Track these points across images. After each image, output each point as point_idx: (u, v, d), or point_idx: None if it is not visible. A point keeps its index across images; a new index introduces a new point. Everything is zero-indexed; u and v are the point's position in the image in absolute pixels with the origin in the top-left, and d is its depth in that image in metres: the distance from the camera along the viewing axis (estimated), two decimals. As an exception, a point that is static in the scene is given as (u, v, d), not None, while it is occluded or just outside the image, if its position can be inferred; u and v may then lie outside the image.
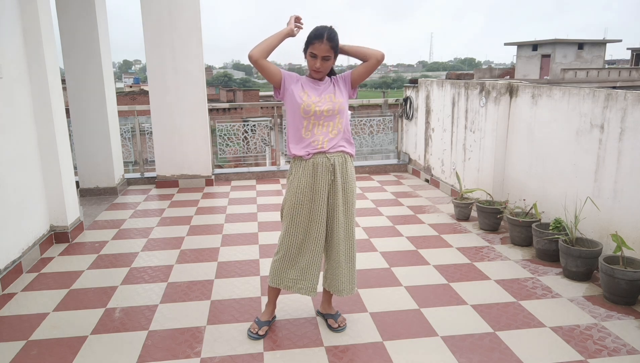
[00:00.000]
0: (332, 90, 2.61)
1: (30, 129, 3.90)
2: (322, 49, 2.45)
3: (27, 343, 2.70)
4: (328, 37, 2.44)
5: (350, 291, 2.73)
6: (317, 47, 2.45)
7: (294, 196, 2.59)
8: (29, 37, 3.82)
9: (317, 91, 2.57)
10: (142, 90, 30.70)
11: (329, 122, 2.56)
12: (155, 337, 2.73)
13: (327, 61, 2.50)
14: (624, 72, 30.51)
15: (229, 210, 5.17)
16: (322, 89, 2.60)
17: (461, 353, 2.56)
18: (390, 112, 7.24)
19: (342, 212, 2.63)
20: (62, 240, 4.22)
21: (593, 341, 2.64)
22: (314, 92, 2.57)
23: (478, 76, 30.23)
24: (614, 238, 3.11)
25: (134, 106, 6.76)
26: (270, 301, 2.83)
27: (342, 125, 2.60)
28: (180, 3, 5.72)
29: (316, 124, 2.54)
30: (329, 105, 2.54)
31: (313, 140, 2.55)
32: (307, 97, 2.53)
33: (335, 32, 2.49)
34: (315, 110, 2.51)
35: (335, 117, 2.56)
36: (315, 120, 2.54)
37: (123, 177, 6.15)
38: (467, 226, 4.55)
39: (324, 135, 2.56)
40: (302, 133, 2.56)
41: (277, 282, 2.72)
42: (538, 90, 4.19)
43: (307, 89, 2.57)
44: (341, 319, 2.83)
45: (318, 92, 2.57)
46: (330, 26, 2.50)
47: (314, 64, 2.50)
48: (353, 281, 2.75)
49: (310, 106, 2.51)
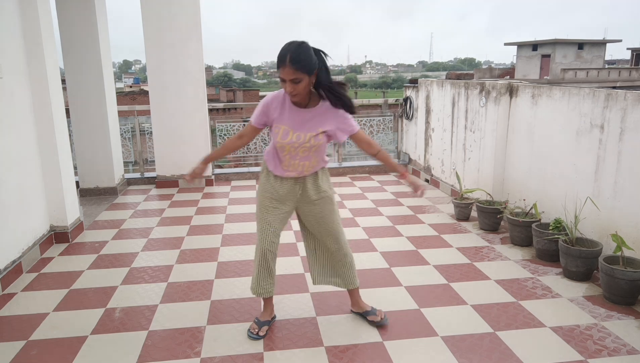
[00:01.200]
0: (320, 122, 2.43)
1: (30, 129, 3.90)
2: (287, 73, 2.25)
3: (27, 343, 2.69)
4: (291, 60, 2.22)
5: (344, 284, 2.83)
6: (283, 72, 2.26)
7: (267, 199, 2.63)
8: (29, 37, 3.82)
9: (299, 121, 2.42)
10: (142, 90, 30.70)
11: (305, 156, 2.52)
12: (155, 337, 2.73)
13: (299, 83, 2.27)
14: (624, 72, 30.51)
15: (229, 210, 5.17)
16: (307, 117, 2.43)
17: (461, 353, 2.56)
18: (390, 112, 7.24)
19: (317, 220, 2.69)
20: (62, 240, 4.22)
21: (593, 341, 2.64)
22: (294, 123, 2.42)
23: (478, 76, 30.25)
24: (614, 238, 3.11)
25: (134, 106, 6.76)
26: (266, 302, 2.83)
27: (320, 152, 2.56)
28: (180, 3, 5.72)
29: (293, 158, 2.51)
30: (305, 147, 2.45)
31: (289, 166, 2.54)
32: (281, 138, 2.43)
33: (303, 51, 2.26)
34: (290, 151, 2.48)
35: (311, 153, 2.51)
36: (292, 157, 2.51)
37: (123, 177, 6.15)
38: (467, 226, 4.55)
39: (301, 167, 2.55)
40: (280, 157, 2.54)
41: (258, 292, 2.74)
42: (538, 90, 4.19)
43: (286, 121, 2.42)
44: (379, 311, 2.85)
45: (300, 122, 2.42)
46: (298, 44, 2.28)
47: (285, 88, 2.32)
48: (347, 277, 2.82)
49: (285, 147, 2.47)
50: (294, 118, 2.44)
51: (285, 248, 4.01)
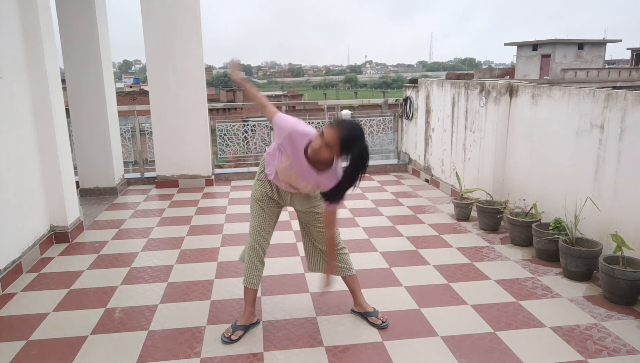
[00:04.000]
0: (323, 185, 2.45)
1: (30, 129, 3.90)
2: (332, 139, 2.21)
3: (27, 343, 2.70)
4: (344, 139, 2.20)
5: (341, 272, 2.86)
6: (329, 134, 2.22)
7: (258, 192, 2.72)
8: (29, 37, 3.82)
9: (306, 171, 2.42)
10: (142, 90, 30.67)
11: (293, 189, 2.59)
12: (155, 337, 2.73)
13: (328, 153, 2.27)
14: (624, 72, 30.51)
15: (229, 210, 5.17)
16: (314, 176, 2.43)
17: (461, 353, 2.56)
18: (390, 112, 7.24)
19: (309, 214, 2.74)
20: (62, 240, 4.22)
21: (593, 341, 2.64)
22: (302, 168, 2.42)
23: (478, 76, 30.23)
24: (614, 238, 3.11)
25: (134, 106, 6.76)
26: (247, 303, 2.77)
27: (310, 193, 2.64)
28: (180, 3, 5.72)
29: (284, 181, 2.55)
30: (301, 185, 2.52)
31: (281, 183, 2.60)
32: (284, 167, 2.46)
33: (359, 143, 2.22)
34: (285, 178, 2.52)
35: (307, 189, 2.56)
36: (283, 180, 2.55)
37: (123, 177, 6.15)
38: (467, 226, 4.55)
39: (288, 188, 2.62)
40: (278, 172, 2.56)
41: (252, 282, 2.74)
42: (538, 90, 4.19)
43: (295, 163, 2.42)
44: (381, 314, 2.86)
45: (306, 172, 2.43)
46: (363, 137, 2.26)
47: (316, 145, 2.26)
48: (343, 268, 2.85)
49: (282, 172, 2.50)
50: (303, 165, 2.43)
51: (285, 248, 4.01)
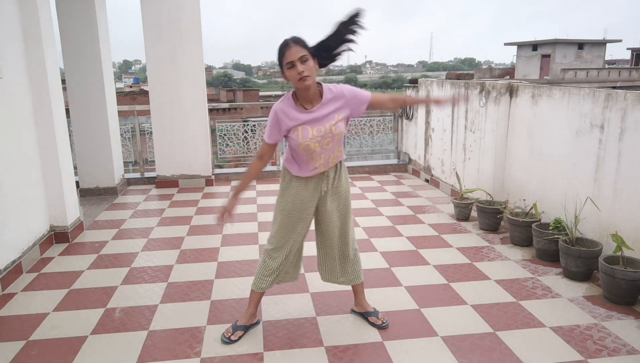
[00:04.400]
0: (332, 115, 2.47)
1: (30, 129, 3.90)
2: (294, 52, 2.32)
3: (27, 343, 2.70)
4: (293, 40, 2.35)
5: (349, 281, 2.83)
6: (289, 53, 2.33)
7: (290, 204, 2.62)
8: (28, 37, 3.82)
9: (312, 118, 2.44)
10: (142, 90, 30.67)
11: (330, 148, 2.52)
12: (155, 337, 2.73)
13: (307, 62, 2.35)
14: (624, 72, 30.52)
15: (229, 210, 5.16)
16: (317, 115, 2.45)
17: (461, 353, 2.56)
18: (390, 112, 7.24)
19: (336, 215, 2.70)
20: (62, 240, 4.22)
21: (593, 341, 2.64)
22: (309, 121, 2.44)
23: (478, 76, 30.23)
24: (614, 238, 3.11)
25: (134, 106, 6.76)
26: (250, 304, 2.77)
27: (341, 141, 2.57)
28: (180, 3, 5.72)
29: (319, 154, 2.50)
30: (328, 138, 2.46)
31: (317, 166, 2.54)
32: (302, 138, 2.44)
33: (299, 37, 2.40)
34: (315, 149, 2.47)
35: (334, 142, 2.51)
36: (317, 153, 2.50)
37: (123, 177, 6.15)
38: (467, 226, 4.55)
39: (325, 160, 2.54)
40: (307, 161, 2.53)
41: (261, 286, 2.72)
42: (538, 90, 4.19)
43: (301, 121, 2.44)
44: (382, 315, 2.86)
45: (314, 119, 2.44)
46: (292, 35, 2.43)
47: (296, 72, 2.33)
48: (353, 273, 2.82)
49: (310, 146, 2.45)
50: (306, 118, 2.45)
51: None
